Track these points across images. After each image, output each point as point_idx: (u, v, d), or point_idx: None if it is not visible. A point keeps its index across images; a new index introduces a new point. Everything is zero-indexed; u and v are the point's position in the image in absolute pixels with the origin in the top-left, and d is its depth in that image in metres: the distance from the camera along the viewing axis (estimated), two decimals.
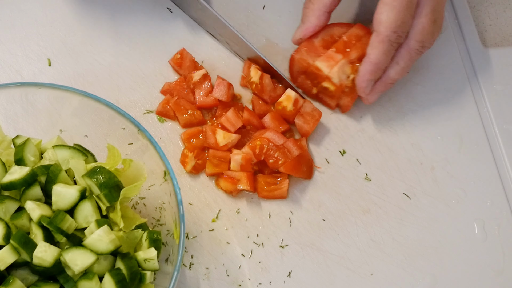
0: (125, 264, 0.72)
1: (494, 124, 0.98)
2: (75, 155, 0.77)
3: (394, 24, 0.84)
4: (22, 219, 0.72)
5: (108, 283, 0.70)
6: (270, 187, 0.89)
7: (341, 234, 0.89)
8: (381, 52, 0.86)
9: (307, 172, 0.91)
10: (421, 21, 0.87)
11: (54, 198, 0.72)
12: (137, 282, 0.73)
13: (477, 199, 0.93)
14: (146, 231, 0.76)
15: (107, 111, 0.77)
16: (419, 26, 0.87)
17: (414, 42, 0.87)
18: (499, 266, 0.89)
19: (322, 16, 0.91)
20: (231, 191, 0.89)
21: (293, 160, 0.87)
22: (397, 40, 0.86)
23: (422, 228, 0.90)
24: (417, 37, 0.87)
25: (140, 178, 0.76)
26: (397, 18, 0.84)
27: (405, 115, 0.97)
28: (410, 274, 0.87)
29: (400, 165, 0.94)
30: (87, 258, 0.70)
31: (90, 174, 0.73)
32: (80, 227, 0.73)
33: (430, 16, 0.87)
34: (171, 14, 1.01)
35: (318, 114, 0.92)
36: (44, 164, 0.76)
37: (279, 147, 0.88)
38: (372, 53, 0.86)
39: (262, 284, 0.85)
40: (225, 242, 0.87)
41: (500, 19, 1.10)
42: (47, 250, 0.70)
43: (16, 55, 0.96)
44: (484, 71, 1.02)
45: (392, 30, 0.84)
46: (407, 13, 0.84)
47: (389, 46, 0.86)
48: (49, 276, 0.73)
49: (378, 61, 0.87)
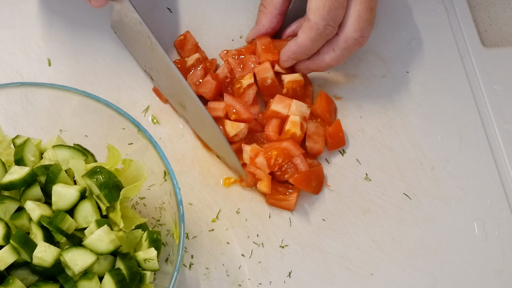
0: (125, 264, 0.72)
1: (494, 124, 0.98)
2: (75, 155, 0.77)
3: (322, 11, 0.86)
4: (22, 219, 0.72)
5: (108, 283, 0.70)
6: (278, 196, 0.89)
7: (341, 234, 0.89)
8: (308, 37, 0.89)
9: (317, 188, 0.91)
10: (357, 9, 0.89)
11: (54, 198, 0.72)
12: (137, 282, 0.73)
13: (477, 199, 0.93)
14: (146, 231, 0.76)
15: (107, 111, 0.77)
16: (355, 14, 0.88)
17: (352, 31, 0.89)
18: (499, 266, 0.89)
19: (274, 19, 0.96)
20: (246, 183, 0.89)
21: (303, 174, 0.87)
22: (325, 29, 0.88)
23: (422, 228, 0.90)
24: (354, 25, 0.89)
25: (140, 178, 0.76)
26: (325, 5, 0.86)
27: (405, 115, 0.97)
28: (410, 274, 0.87)
29: (400, 165, 0.94)
30: (87, 258, 0.70)
31: (90, 174, 0.73)
32: (80, 227, 0.73)
33: (366, 4, 0.88)
34: (171, 14, 1.01)
35: (322, 130, 0.92)
36: (44, 164, 0.76)
37: (290, 159, 0.88)
38: (300, 37, 0.90)
39: (262, 284, 0.85)
40: (225, 242, 0.87)
41: (500, 19, 1.10)
42: (47, 250, 0.70)
43: (16, 55, 0.96)
44: (484, 71, 1.02)
45: (320, 17, 0.87)
46: (336, 1, 0.86)
47: (316, 34, 0.88)
48: (49, 276, 0.72)
49: (303, 45, 0.90)
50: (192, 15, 1.01)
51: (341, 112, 0.97)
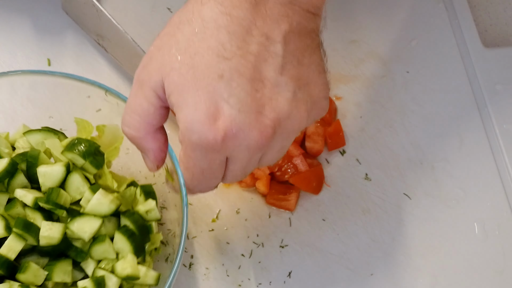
0: (130, 220, 0.72)
1: (494, 124, 0.98)
2: (48, 136, 0.76)
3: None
4: (16, 208, 0.72)
5: (120, 240, 0.71)
6: (278, 196, 0.89)
7: (341, 234, 0.89)
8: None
9: (317, 188, 0.90)
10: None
11: (41, 179, 0.72)
12: (146, 234, 0.74)
13: (477, 199, 0.93)
14: (138, 186, 0.77)
15: (66, 84, 0.75)
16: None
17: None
18: (499, 266, 0.89)
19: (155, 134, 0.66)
20: (245, 183, 0.89)
21: (303, 174, 0.87)
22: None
23: (422, 228, 0.90)
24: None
25: (118, 140, 0.76)
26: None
27: (405, 115, 0.97)
28: (410, 274, 0.87)
29: (400, 165, 0.94)
30: (94, 223, 0.70)
31: (70, 147, 0.73)
32: (74, 200, 0.73)
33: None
34: (171, 14, 1.01)
35: (321, 130, 0.92)
36: (19, 153, 0.76)
37: (290, 160, 0.88)
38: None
39: (262, 284, 0.85)
40: (225, 242, 0.87)
41: (500, 19, 1.10)
42: (52, 228, 0.70)
43: (16, 55, 0.96)
44: (484, 71, 1.02)
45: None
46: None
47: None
48: (58, 255, 0.73)
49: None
50: None
51: (341, 112, 0.97)
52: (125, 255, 0.71)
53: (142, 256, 0.74)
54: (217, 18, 0.59)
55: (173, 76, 0.59)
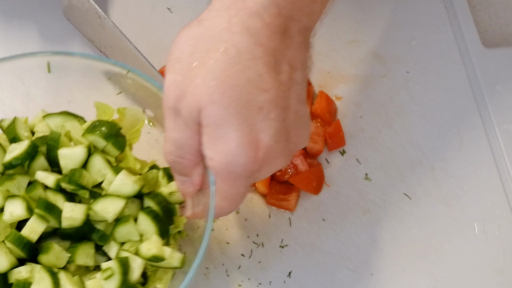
0: (154, 201, 0.71)
1: (494, 124, 0.98)
2: (67, 119, 0.75)
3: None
4: (37, 190, 0.70)
5: (144, 221, 0.69)
6: (278, 196, 0.89)
7: (341, 234, 0.89)
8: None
9: (317, 188, 0.90)
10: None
11: (62, 162, 0.71)
12: (170, 216, 0.72)
13: (477, 199, 0.93)
14: (161, 169, 0.75)
15: (86, 64, 0.74)
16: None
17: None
18: (499, 266, 0.89)
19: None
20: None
21: (303, 174, 0.87)
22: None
23: (422, 228, 0.90)
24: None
25: (139, 122, 0.75)
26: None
27: (405, 115, 0.97)
28: (410, 274, 0.87)
29: (400, 165, 0.94)
30: (118, 203, 0.69)
31: (91, 129, 0.72)
32: (95, 182, 0.72)
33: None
34: (171, 14, 1.01)
35: (321, 130, 0.92)
36: (39, 136, 0.75)
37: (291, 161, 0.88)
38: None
39: (262, 284, 0.85)
40: (225, 242, 0.87)
41: (500, 19, 1.10)
42: (74, 209, 0.68)
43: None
44: (484, 71, 1.02)
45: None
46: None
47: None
48: (80, 238, 0.71)
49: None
50: (192, 15, 1.01)
51: (341, 112, 0.97)
52: (149, 237, 0.69)
53: (166, 238, 0.72)
54: (252, 49, 0.59)
55: (213, 109, 0.59)
